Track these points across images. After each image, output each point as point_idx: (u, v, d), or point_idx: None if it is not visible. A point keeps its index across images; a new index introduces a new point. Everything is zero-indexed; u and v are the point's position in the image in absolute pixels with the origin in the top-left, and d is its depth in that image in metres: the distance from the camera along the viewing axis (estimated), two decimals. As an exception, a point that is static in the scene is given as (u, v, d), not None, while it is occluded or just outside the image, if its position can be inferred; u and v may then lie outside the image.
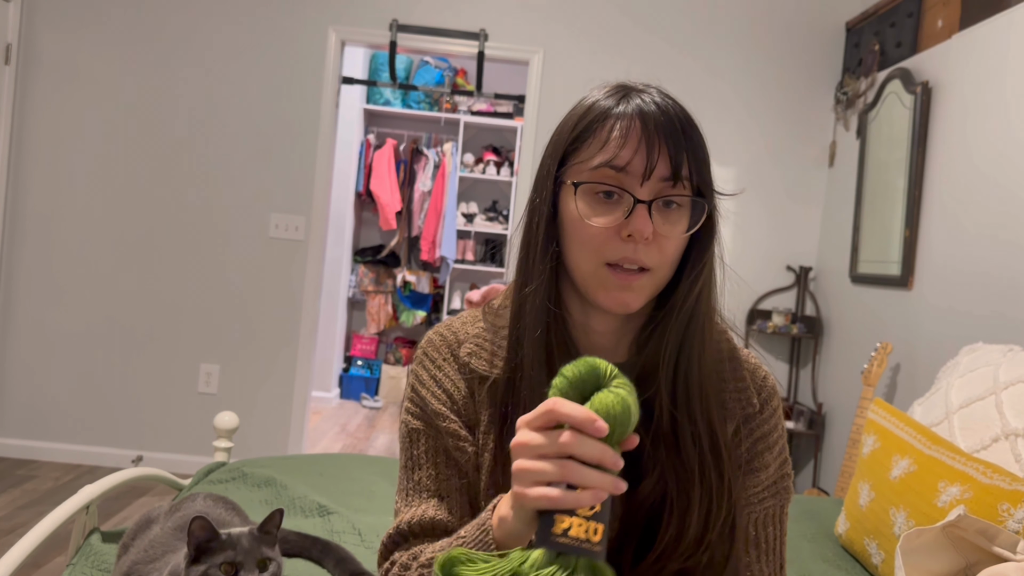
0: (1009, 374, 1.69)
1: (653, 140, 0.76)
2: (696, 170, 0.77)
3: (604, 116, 0.78)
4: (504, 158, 5.57)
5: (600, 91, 0.82)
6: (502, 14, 3.53)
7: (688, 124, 0.78)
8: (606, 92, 0.81)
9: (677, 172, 0.76)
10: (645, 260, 0.77)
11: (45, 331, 3.47)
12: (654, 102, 0.78)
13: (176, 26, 3.46)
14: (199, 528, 0.97)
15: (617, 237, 0.77)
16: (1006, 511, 1.32)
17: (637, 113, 0.77)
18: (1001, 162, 2.35)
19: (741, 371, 0.87)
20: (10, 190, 3.43)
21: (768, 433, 0.87)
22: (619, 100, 0.79)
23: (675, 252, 0.79)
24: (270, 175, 3.49)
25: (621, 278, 0.77)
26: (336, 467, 2.01)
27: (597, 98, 0.80)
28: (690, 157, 0.77)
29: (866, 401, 2.70)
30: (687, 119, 0.78)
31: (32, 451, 3.46)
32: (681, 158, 0.76)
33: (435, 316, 5.70)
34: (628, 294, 0.78)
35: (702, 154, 0.79)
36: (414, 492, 0.86)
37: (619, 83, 0.82)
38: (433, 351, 0.89)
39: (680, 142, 0.76)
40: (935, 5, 2.85)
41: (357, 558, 1.36)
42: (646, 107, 0.77)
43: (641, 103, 0.77)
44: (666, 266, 0.79)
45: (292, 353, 3.52)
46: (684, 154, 0.76)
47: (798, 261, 3.60)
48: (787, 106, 3.57)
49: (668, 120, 0.77)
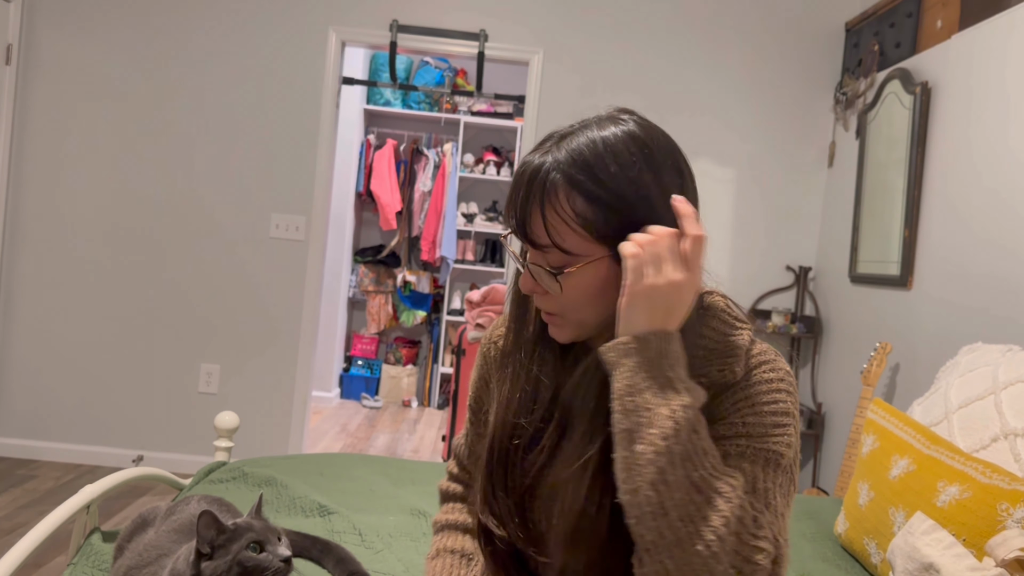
0: (1008, 374, 1.69)
1: (510, 210, 0.80)
2: (556, 233, 0.78)
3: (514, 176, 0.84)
4: (504, 158, 5.57)
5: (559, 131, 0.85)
6: (502, 14, 3.53)
7: (553, 184, 0.78)
8: (541, 144, 0.84)
9: (531, 240, 0.80)
10: (546, 308, 0.84)
11: (45, 331, 3.47)
12: (535, 161, 0.80)
13: (176, 26, 3.46)
14: (206, 525, 0.98)
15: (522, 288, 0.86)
16: (1005, 511, 1.32)
17: (517, 179, 0.81)
18: (1000, 162, 2.35)
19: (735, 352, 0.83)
20: (10, 190, 3.43)
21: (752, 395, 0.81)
22: (532, 155, 0.82)
23: (580, 297, 0.81)
24: (270, 175, 3.49)
25: (543, 315, 0.86)
26: (336, 467, 2.02)
27: (534, 148, 0.84)
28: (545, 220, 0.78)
29: (865, 401, 2.70)
30: (563, 177, 0.77)
31: (33, 451, 3.46)
32: (526, 224, 0.79)
33: (435, 316, 5.71)
34: (553, 329, 0.86)
35: (571, 212, 0.77)
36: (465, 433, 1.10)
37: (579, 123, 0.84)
38: (481, 345, 1.05)
39: (527, 207, 0.78)
40: (934, 5, 2.85)
41: (357, 558, 1.37)
42: (522, 167, 0.81)
43: (527, 161, 0.81)
44: (576, 309, 0.82)
45: (292, 353, 3.52)
46: (531, 219, 0.79)
47: (797, 261, 3.60)
48: (787, 106, 3.57)
49: (523, 184, 0.79)
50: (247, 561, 0.97)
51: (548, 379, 0.89)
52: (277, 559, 0.99)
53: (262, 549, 0.99)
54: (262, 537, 1.00)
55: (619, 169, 0.78)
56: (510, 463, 0.88)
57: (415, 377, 5.56)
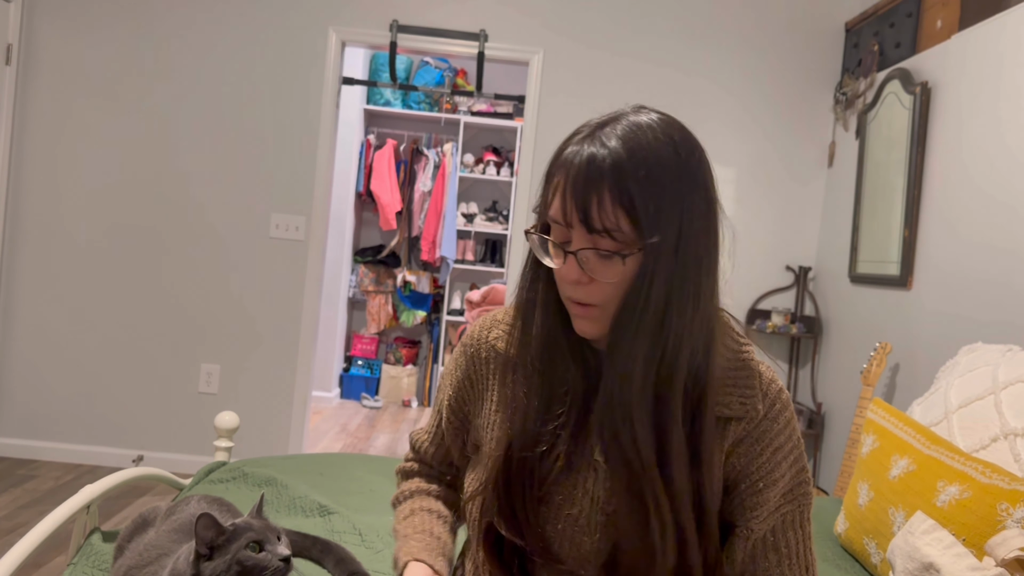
0: (1008, 374, 1.69)
1: (567, 194, 0.79)
2: (612, 219, 0.78)
3: (557, 163, 0.83)
4: (504, 158, 5.57)
5: (593, 121, 0.84)
6: (502, 14, 3.53)
7: (610, 171, 0.78)
8: (585, 131, 0.83)
9: (587, 224, 0.78)
10: (585, 299, 0.82)
11: (45, 331, 3.47)
12: (589, 151, 0.79)
13: (176, 26, 3.46)
14: (205, 527, 0.98)
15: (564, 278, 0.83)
16: (1005, 511, 1.32)
17: (567, 165, 0.80)
18: (1000, 162, 2.35)
19: (752, 380, 0.88)
20: (10, 190, 3.43)
21: (783, 444, 0.89)
22: (579, 142, 0.82)
23: (618, 288, 0.81)
24: (270, 175, 3.50)
25: (576, 309, 0.84)
26: (336, 467, 2.02)
27: (570, 139, 0.84)
28: (603, 207, 0.77)
29: (865, 401, 2.70)
30: (612, 165, 0.78)
31: (33, 451, 3.46)
32: (589, 211, 0.78)
33: (435, 316, 5.71)
34: (583, 322, 0.84)
35: (624, 200, 0.78)
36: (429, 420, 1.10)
37: (610, 115, 0.84)
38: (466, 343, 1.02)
39: (589, 194, 0.78)
40: (934, 5, 2.85)
41: (357, 558, 1.37)
42: (576, 157, 0.80)
43: (578, 151, 0.80)
44: (612, 301, 0.82)
45: (292, 353, 3.52)
46: (594, 206, 0.78)
47: (797, 261, 3.60)
48: (786, 106, 3.57)
49: (585, 172, 0.78)
50: (246, 560, 0.97)
51: (561, 383, 0.88)
52: (276, 558, 0.99)
53: (261, 548, 0.99)
54: (261, 536, 1.00)
55: (667, 156, 0.79)
56: (528, 471, 0.87)
57: (415, 377, 5.56)
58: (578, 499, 0.87)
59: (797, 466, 0.91)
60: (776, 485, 0.89)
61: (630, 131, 0.79)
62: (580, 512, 0.87)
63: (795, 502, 0.90)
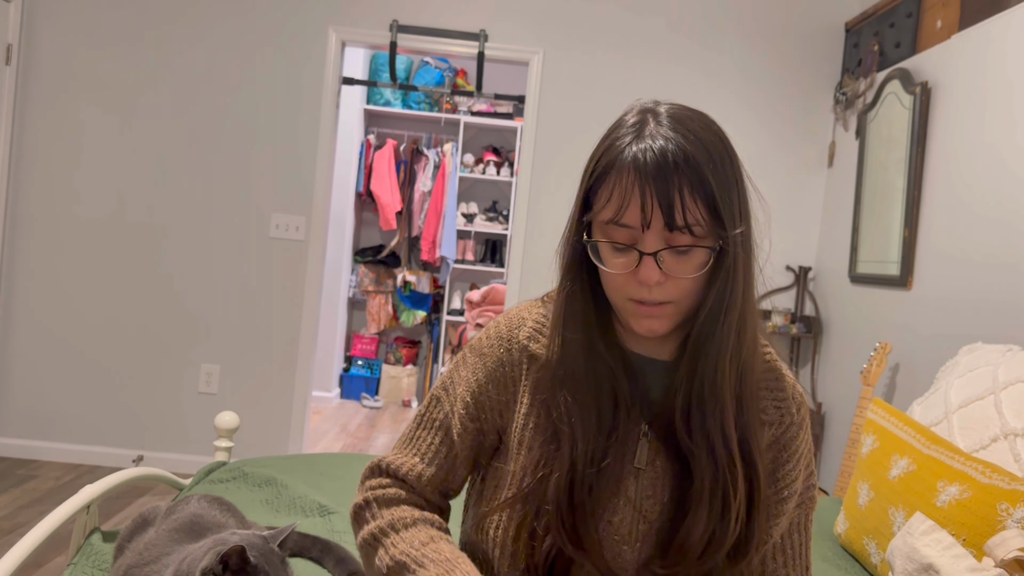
0: (1008, 374, 1.69)
1: (646, 194, 0.76)
2: (694, 213, 0.76)
3: (613, 164, 0.79)
4: (504, 158, 5.57)
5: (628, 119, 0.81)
6: (502, 14, 3.53)
7: (686, 164, 0.76)
8: (628, 127, 0.80)
9: (671, 222, 0.76)
10: (661, 298, 0.80)
11: (45, 331, 3.47)
12: (653, 147, 0.77)
13: (176, 26, 3.46)
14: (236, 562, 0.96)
15: (634, 280, 0.79)
16: (1005, 511, 1.32)
17: (635, 164, 0.77)
18: (1000, 162, 2.35)
19: (782, 383, 0.88)
20: (10, 190, 3.43)
21: (803, 451, 0.89)
22: (632, 139, 0.79)
23: (694, 284, 0.80)
24: (270, 175, 3.49)
25: (645, 310, 0.81)
26: (336, 467, 2.02)
27: (618, 134, 0.80)
28: (685, 203, 0.76)
29: (865, 401, 2.70)
30: (685, 158, 0.76)
31: (33, 451, 3.46)
32: (673, 208, 0.76)
33: (435, 316, 5.71)
34: (654, 321, 0.82)
35: (705, 191, 0.76)
36: (410, 444, 0.96)
37: (642, 110, 0.81)
38: (486, 344, 0.94)
39: (671, 190, 0.75)
40: (934, 5, 2.85)
41: (357, 558, 1.37)
42: (645, 154, 0.77)
43: (642, 148, 0.77)
44: (688, 296, 0.80)
45: (292, 353, 3.52)
46: (677, 202, 0.76)
47: (797, 261, 3.61)
48: (786, 106, 3.57)
49: (662, 168, 0.76)
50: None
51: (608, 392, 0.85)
52: None
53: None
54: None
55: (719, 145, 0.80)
56: (589, 486, 0.83)
57: (415, 377, 5.56)
58: (620, 507, 0.85)
59: (808, 470, 0.90)
60: (796, 494, 0.88)
61: (680, 124, 0.78)
62: (622, 520, 0.85)
63: (803, 507, 0.90)
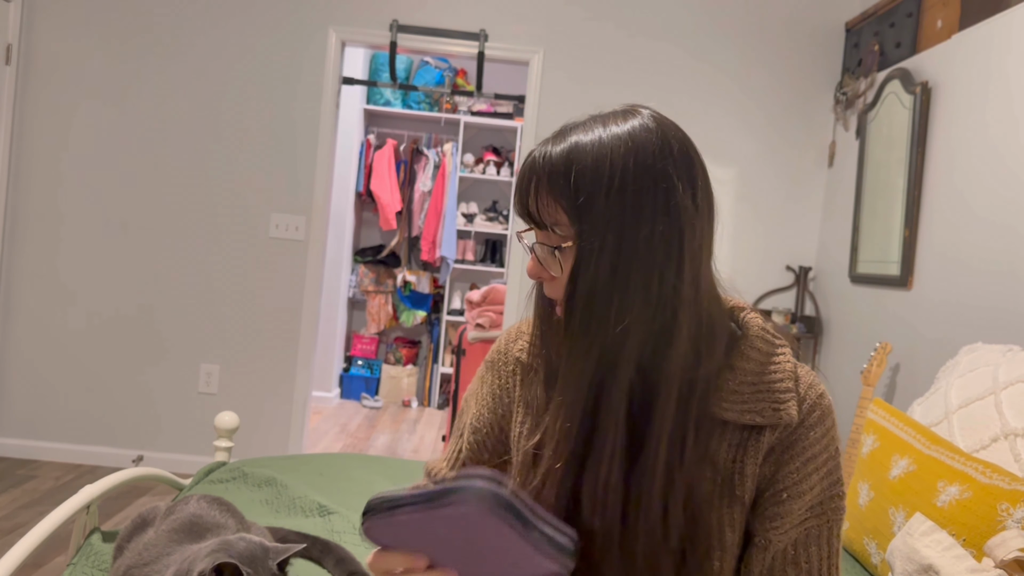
0: (1008, 374, 1.69)
1: (517, 191, 0.84)
2: (552, 215, 0.80)
3: None
4: (504, 158, 5.57)
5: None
6: (502, 14, 3.53)
7: (551, 170, 0.80)
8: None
9: (532, 218, 0.82)
10: (549, 295, 0.85)
11: (46, 331, 3.47)
12: (536, 154, 0.83)
13: (176, 26, 3.46)
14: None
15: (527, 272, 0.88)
16: (1005, 511, 1.32)
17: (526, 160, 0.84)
18: (1001, 162, 2.35)
19: (786, 384, 0.84)
20: (10, 190, 3.43)
21: (817, 454, 0.84)
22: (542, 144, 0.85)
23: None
24: (270, 175, 3.49)
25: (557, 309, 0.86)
26: (336, 467, 2.02)
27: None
28: (540, 204, 0.81)
29: (865, 401, 2.70)
30: (553, 161, 0.80)
31: (33, 451, 3.46)
32: (529, 206, 0.82)
33: (435, 316, 5.71)
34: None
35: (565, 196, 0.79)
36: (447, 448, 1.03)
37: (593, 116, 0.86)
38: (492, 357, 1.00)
39: (528, 190, 0.82)
40: (935, 5, 2.85)
41: (357, 558, 1.37)
42: (526, 160, 0.84)
43: (529, 154, 0.84)
44: None
45: (292, 353, 3.52)
46: (532, 202, 0.81)
47: (798, 261, 3.60)
48: (787, 106, 3.57)
49: (528, 171, 0.82)
50: None
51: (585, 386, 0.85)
52: None
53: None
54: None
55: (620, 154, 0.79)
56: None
57: (415, 377, 5.56)
58: None
59: (830, 479, 0.85)
60: (803, 497, 0.83)
61: (587, 129, 0.82)
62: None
63: (823, 517, 0.85)
